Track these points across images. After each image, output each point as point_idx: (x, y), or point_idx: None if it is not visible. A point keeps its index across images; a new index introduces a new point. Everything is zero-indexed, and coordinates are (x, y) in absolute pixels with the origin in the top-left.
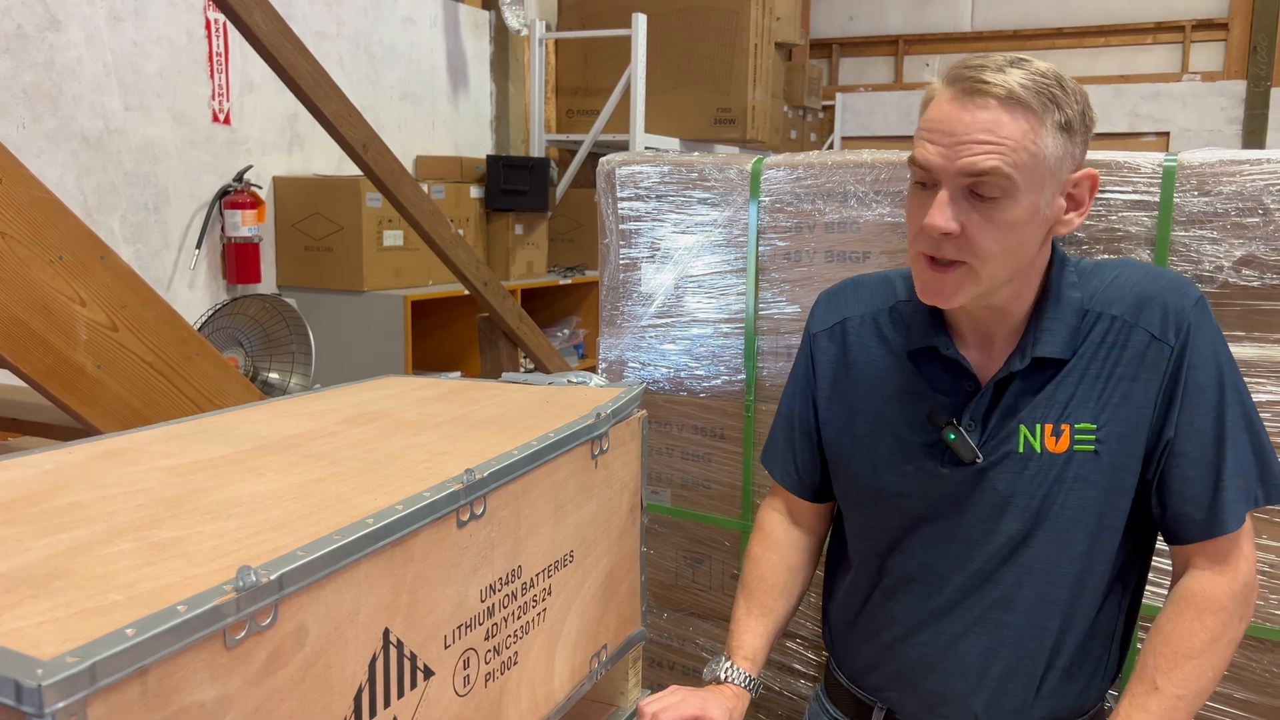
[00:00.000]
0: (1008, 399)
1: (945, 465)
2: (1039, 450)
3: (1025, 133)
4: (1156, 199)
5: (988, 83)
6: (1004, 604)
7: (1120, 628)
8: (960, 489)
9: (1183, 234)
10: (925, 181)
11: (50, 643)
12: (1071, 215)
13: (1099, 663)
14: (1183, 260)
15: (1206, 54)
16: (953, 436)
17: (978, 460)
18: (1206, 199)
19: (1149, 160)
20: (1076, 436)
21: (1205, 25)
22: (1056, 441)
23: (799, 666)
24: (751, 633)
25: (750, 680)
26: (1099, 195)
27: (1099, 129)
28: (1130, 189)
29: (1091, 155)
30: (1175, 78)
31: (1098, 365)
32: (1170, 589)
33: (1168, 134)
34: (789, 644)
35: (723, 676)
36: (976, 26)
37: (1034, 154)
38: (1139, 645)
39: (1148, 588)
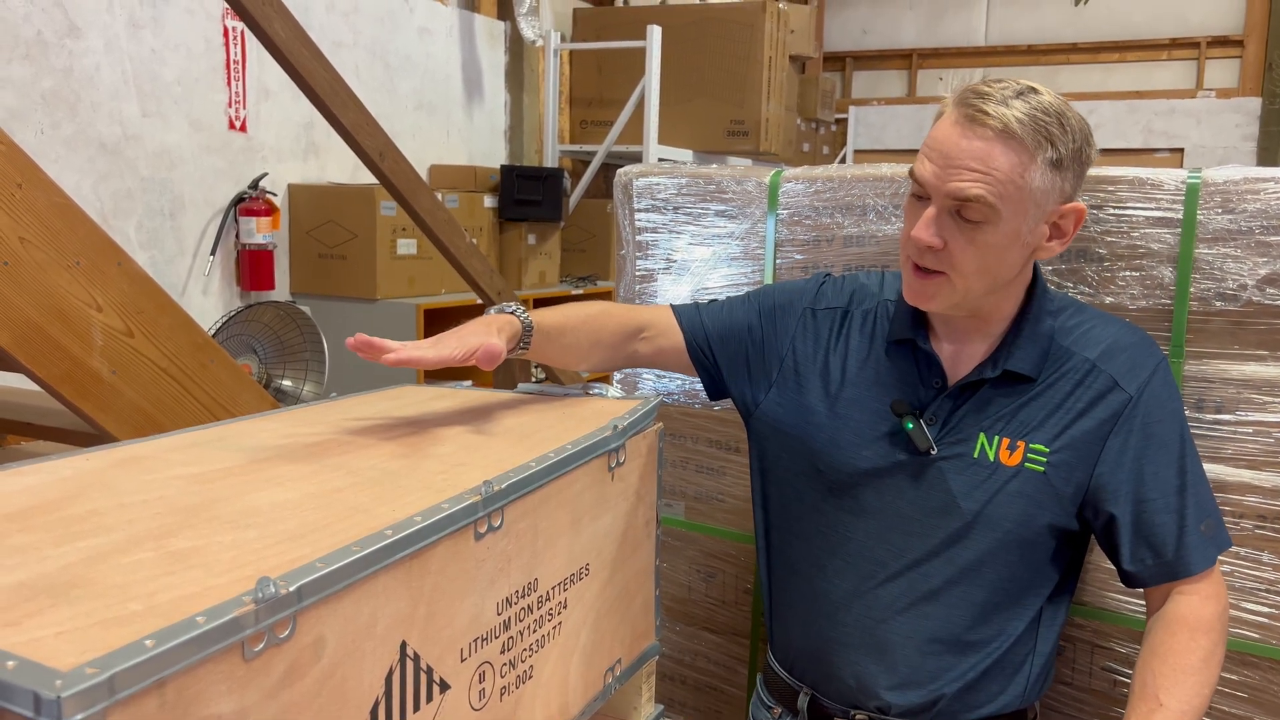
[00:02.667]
0: (973, 404)
1: (901, 453)
2: (992, 459)
3: (1014, 166)
4: (1180, 216)
5: (987, 114)
6: (931, 596)
7: (1048, 645)
8: (910, 480)
9: (1206, 251)
10: (920, 195)
11: (69, 653)
12: (1054, 244)
13: (1019, 671)
14: (1206, 278)
15: (1221, 70)
16: (910, 425)
17: (932, 451)
18: (1230, 216)
19: (1172, 177)
20: (1029, 455)
21: (1220, 42)
22: (1010, 455)
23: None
24: (552, 322)
25: (530, 323)
26: (1123, 211)
27: (1113, 144)
28: (1154, 206)
29: (1114, 171)
30: (1190, 94)
31: (1060, 397)
32: (1152, 616)
33: (1182, 150)
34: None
35: (513, 310)
36: (991, 41)
37: (1020, 186)
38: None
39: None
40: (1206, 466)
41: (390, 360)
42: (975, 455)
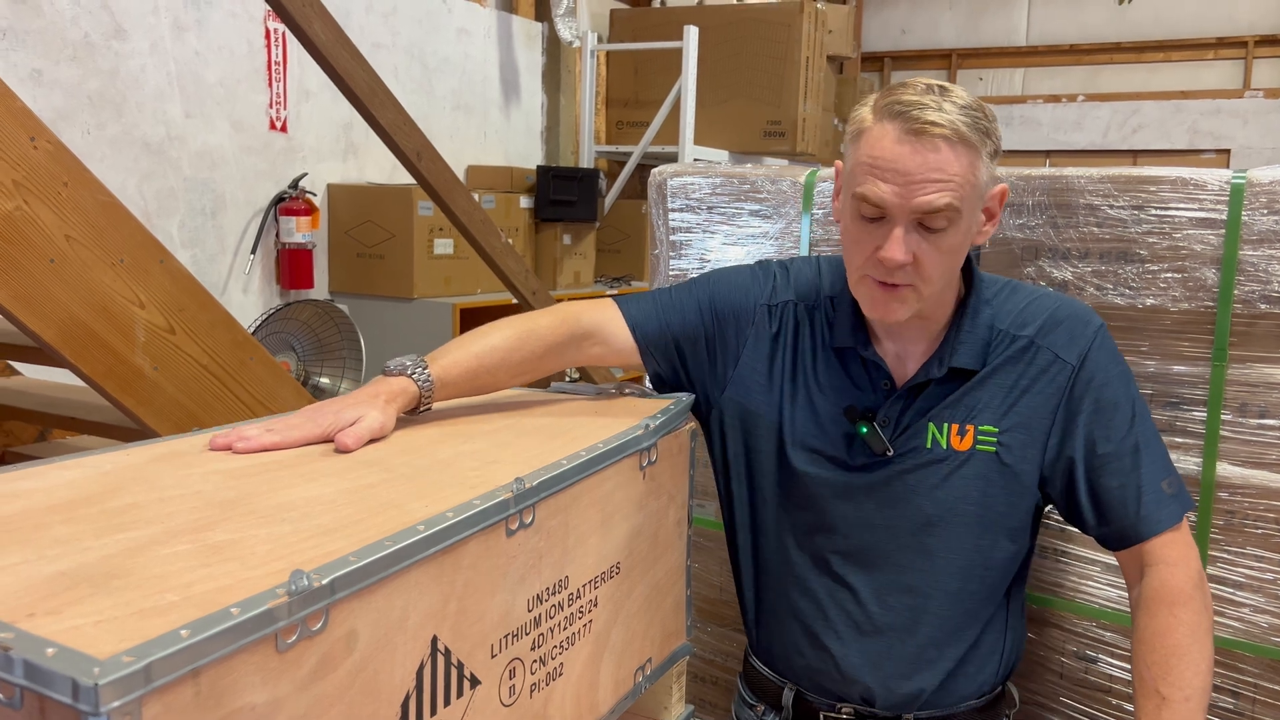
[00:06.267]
0: (921, 401)
1: (859, 455)
2: (945, 447)
3: (968, 167)
4: (1224, 216)
5: (935, 123)
6: (907, 589)
7: (1019, 619)
8: (871, 478)
9: (1251, 253)
10: (872, 215)
11: (107, 641)
12: (988, 226)
13: (994, 649)
14: (1250, 280)
15: (1270, 70)
16: (865, 430)
17: (889, 453)
18: (1276, 218)
19: (1216, 177)
20: (979, 437)
21: (1268, 41)
22: (961, 440)
23: None
24: (462, 368)
25: (430, 383)
26: (1164, 211)
27: (1157, 145)
28: (1197, 206)
29: (1156, 172)
30: (1237, 94)
31: (1003, 376)
32: (1133, 597)
33: (1228, 151)
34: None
35: (410, 370)
36: (1032, 41)
37: (974, 184)
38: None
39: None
40: (1249, 473)
41: (240, 450)
42: (928, 446)
